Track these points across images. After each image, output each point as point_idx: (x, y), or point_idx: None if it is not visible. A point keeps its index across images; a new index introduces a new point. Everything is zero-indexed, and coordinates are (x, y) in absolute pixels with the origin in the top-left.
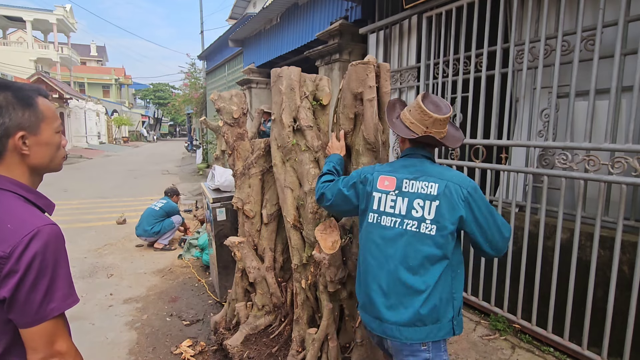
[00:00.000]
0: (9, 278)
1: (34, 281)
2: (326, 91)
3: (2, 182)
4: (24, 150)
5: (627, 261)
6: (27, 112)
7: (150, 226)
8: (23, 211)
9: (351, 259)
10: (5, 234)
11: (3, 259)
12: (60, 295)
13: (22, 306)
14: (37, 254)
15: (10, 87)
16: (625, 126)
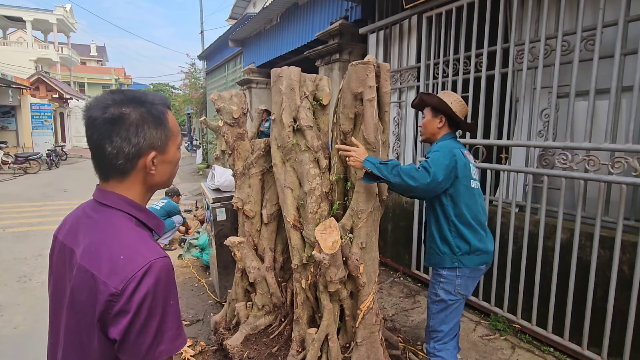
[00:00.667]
0: (120, 317)
1: (144, 322)
2: (326, 91)
3: (116, 201)
4: (151, 171)
5: (627, 261)
6: (159, 131)
7: None
8: (136, 240)
9: (351, 258)
10: (117, 266)
11: (115, 296)
12: (169, 336)
13: (131, 348)
14: (148, 292)
15: (144, 102)
16: (625, 126)
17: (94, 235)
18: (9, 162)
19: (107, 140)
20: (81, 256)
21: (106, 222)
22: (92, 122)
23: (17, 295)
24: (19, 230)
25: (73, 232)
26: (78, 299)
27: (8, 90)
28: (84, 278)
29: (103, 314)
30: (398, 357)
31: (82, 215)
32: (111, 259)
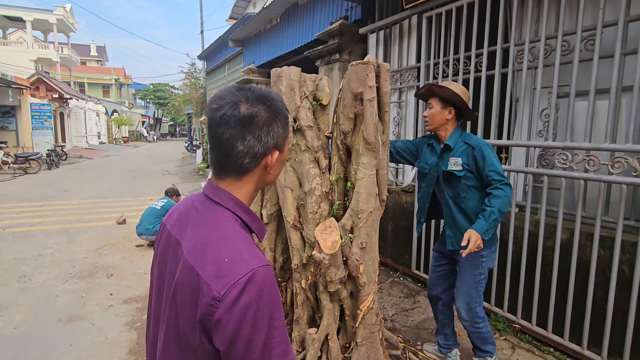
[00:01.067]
0: (223, 327)
1: (250, 336)
2: (326, 91)
3: (226, 200)
4: (271, 170)
5: (627, 261)
6: (284, 130)
7: (151, 225)
8: (241, 243)
9: (351, 258)
10: (222, 269)
11: (216, 301)
12: (277, 352)
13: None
14: (251, 302)
15: (271, 100)
16: (625, 126)
17: (201, 231)
18: (9, 162)
19: (239, 139)
20: (188, 251)
21: (214, 220)
22: (225, 120)
23: (17, 295)
24: (19, 230)
25: (180, 223)
26: (181, 294)
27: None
28: (189, 275)
29: (204, 317)
30: (398, 357)
31: (191, 208)
32: (216, 260)
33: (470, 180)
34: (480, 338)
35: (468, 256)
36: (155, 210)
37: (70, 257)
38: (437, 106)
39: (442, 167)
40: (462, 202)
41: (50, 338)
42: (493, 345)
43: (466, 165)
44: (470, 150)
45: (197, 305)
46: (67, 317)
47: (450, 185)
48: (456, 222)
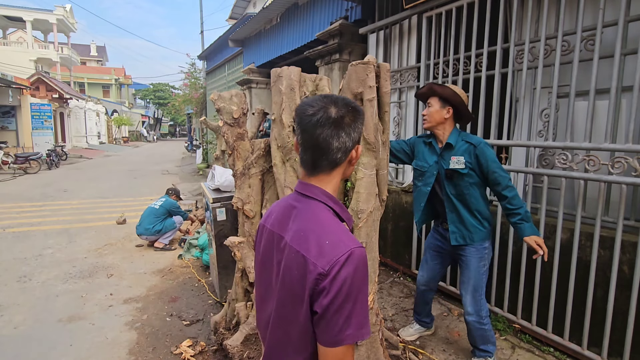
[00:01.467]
0: (322, 295)
1: (341, 304)
2: (326, 91)
3: (318, 194)
4: (354, 161)
5: (627, 261)
6: (362, 125)
7: (151, 225)
8: (337, 228)
9: None
10: (324, 249)
11: (322, 275)
12: (357, 322)
13: (326, 325)
14: (347, 277)
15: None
16: (625, 126)
17: (301, 223)
18: (9, 162)
19: (335, 137)
20: (291, 239)
21: (311, 212)
22: (322, 122)
23: (17, 295)
24: (19, 230)
25: (280, 221)
26: (289, 276)
27: (8, 90)
28: (295, 258)
29: (312, 290)
30: (398, 357)
31: (287, 207)
32: (318, 243)
33: (472, 178)
34: (482, 336)
35: (474, 249)
36: (154, 210)
37: (70, 257)
38: (436, 105)
39: (444, 165)
40: (465, 198)
41: (50, 338)
42: (494, 345)
43: (469, 163)
44: (472, 148)
45: (305, 281)
46: (67, 317)
47: (452, 183)
48: (462, 218)
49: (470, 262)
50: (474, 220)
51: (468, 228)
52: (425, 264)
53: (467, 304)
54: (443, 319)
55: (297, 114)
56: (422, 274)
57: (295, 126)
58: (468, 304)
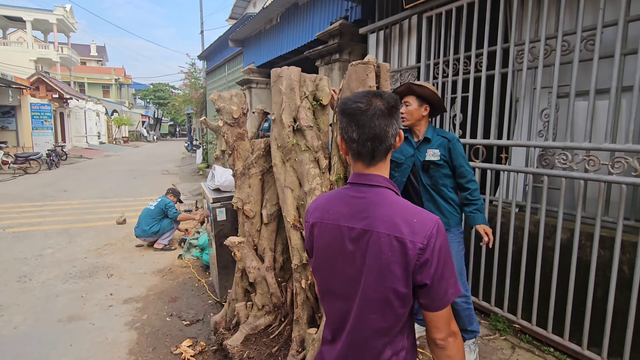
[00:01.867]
0: (425, 267)
1: (442, 270)
2: (326, 91)
3: (382, 181)
4: (398, 144)
5: (627, 261)
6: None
7: (148, 226)
8: (413, 206)
9: None
10: (414, 227)
11: (422, 249)
12: (453, 281)
13: (435, 293)
14: (442, 245)
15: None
16: (625, 126)
17: (381, 209)
18: (9, 162)
19: (390, 125)
20: (376, 226)
21: (383, 198)
22: (377, 113)
23: (17, 295)
24: (19, 230)
25: (345, 213)
26: (380, 260)
27: (8, 90)
28: (387, 242)
29: (414, 266)
30: None
31: (349, 199)
32: (407, 223)
33: (445, 169)
34: (469, 316)
35: (452, 234)
36: (150, 211)
37: (70, 257)
38: (414, 103)
39: (420, 157)
40: (440, 188)
41: (50, 338)
42: (478, 324)
43: (443, 156)
44: (447, 142)
45: (406, 259)
46: (67, 317)
47: (428, 174)
48: (439, 206)
49: (452, 247)
50: (449, 207)
51: (445, 215)
52: None
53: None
54: None
55: (346, 113)
56: None
57: (345, 124)
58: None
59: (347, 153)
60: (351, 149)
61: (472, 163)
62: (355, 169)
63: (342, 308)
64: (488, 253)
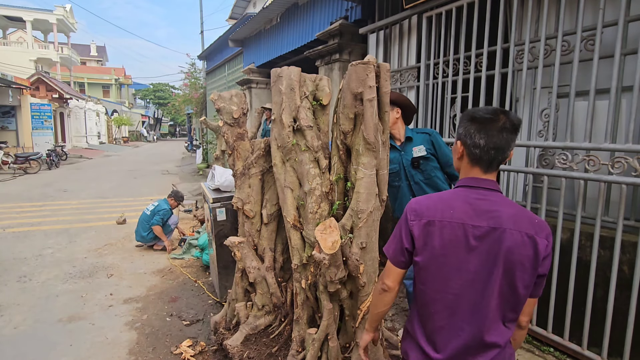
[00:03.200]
0: (546, 260)
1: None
2: (326, 91)
3: (496, 186)
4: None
5: (627, 261)
6: None
7: (146, 232)
8: (526, 209)
9: (351, 258)
10: (538, 226)
11: (547, 246)
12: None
13: (543, 282)
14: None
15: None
16: (625, 126)
17: (505, 210)
18: (9, 162)
19: (512, 140)
20: (506, 224)
21: (503, 201)
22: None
23: (17, 295)
24: (19, 230)
25: (469, 213)
26: (516, 253)
27: (8, 90)
28: (519, 238)
29: (541, 259)
30: (398, 357)
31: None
32: (531, 223)
33: (434, 162)
34: None
35: None
36: (146, 216)
37: (70, 257)
38: None
39: (407, 157)
40: (434, 181)
41: (50, 338)
42: None
43: (429, 149)
44: (428, 137)
45: (536, 253)
46: (67, 317)
47: (419, 170)
48: None
49: None
50: None
51: None
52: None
53: None
54: None
55: (476, 120)
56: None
57: (472, 130)
58: None
59: (461, 156)
60: (472, 154)
61: None
62: (471, 173)
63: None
64: None
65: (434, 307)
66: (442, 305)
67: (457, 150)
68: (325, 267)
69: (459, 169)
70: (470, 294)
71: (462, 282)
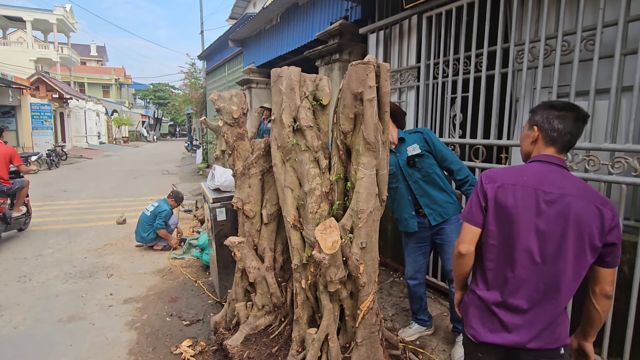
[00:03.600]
0: (615, 230)
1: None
2: (326, 91)
3: (565, 164)
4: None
5: (627, 261)
6: None
7: (146, 233)
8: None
9: (351, 258)
10: (602, 199)
11: (613, 217)
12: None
13: (617, 251)
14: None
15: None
16: (625, 126)
17: (574, 183)
18: None
19: (581, 131)
20: (575, 194)
21: (571, 176)
22: (580, 117)
23: (17, 295)
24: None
25: (535, 180)
26: (584, 219)
27: (8, 90)
28: (587, 206)
29: (607, 228)
30: (398, 357)
31: (539, 170)
32: (597, 195)
33: (430, 159)
34: None
35: (453, 226)
36: (146, 217)
37: (70, 257)
38: None
39: (402, 157)
40: (432, 178)
41: (50, 338)
42: None
43: (424, 147)
44: (420, 135)
45: (602, 222)
46: (67, 317)
47: (416, 169)
48: (432, 197)
49: (452, 237)
50: (443, 195)
51: (441, 205)
52: (407, 257)
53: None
54: (443, 319)
55: (556, 108)
56: (408, 268)
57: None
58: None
59: (535, 140)
60: (549, 137)
61: (472, 163)
62: (545, 152)
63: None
64: None
65: (501, 260)
66: (510, 259)
67: (531, 136)
68: (325, 267)
69: (529, 152)
70: (538, 252)
71: (531, 241)
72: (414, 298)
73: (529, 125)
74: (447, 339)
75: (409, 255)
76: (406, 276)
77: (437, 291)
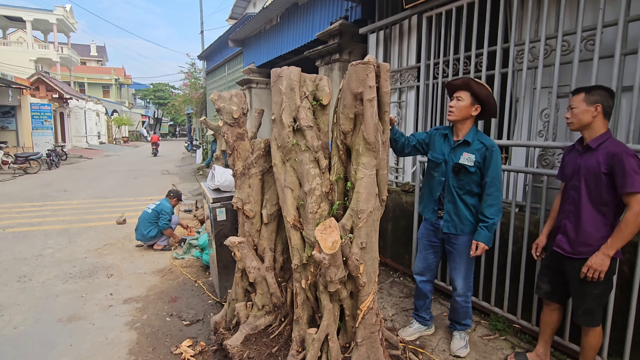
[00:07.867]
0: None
1: None
2: (326, 91)
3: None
4: None
5: (627, 261)
6: None
7: (147, 230)
8: None
9: (351, 258)
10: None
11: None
12: None
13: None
14: None
15: None
16: (626, 126)
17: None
18: (9, 162)
19: None
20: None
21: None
22: None
23: (17, 295)
24: (19, 230)
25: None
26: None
27: (8, 90)
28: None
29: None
30: (398, 357)
31: None
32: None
33: (476, 176)
34: (466, 313)
35: (467, 239)
36: (147, 215)
37: (70, 257)
38: (467, 100)
39: (453, 158)
40: (465, 194)
41: (50, 338)
42: (471, 319)
43: (478, 162)
44: (484, 149)
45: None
46: (67, 317)
47: (457, 177)
48: (458, 210)
49: (463, 251)
50: (468, 214)
51: (462, 220)
52: (419, 254)
53: (459, 287)
54: (443, 319)
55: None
56: (417, 264)
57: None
58: (460, 287)
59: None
60: (607, 113)
61: None
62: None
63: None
64: (488, 253)
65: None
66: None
67: (592, 112)
68: (325, 267)
69: (588, 123)
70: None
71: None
72: (419, 294)
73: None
74: (447, 339)
75: (420, 252)
76: (414, 271)
77: (437, 291)
